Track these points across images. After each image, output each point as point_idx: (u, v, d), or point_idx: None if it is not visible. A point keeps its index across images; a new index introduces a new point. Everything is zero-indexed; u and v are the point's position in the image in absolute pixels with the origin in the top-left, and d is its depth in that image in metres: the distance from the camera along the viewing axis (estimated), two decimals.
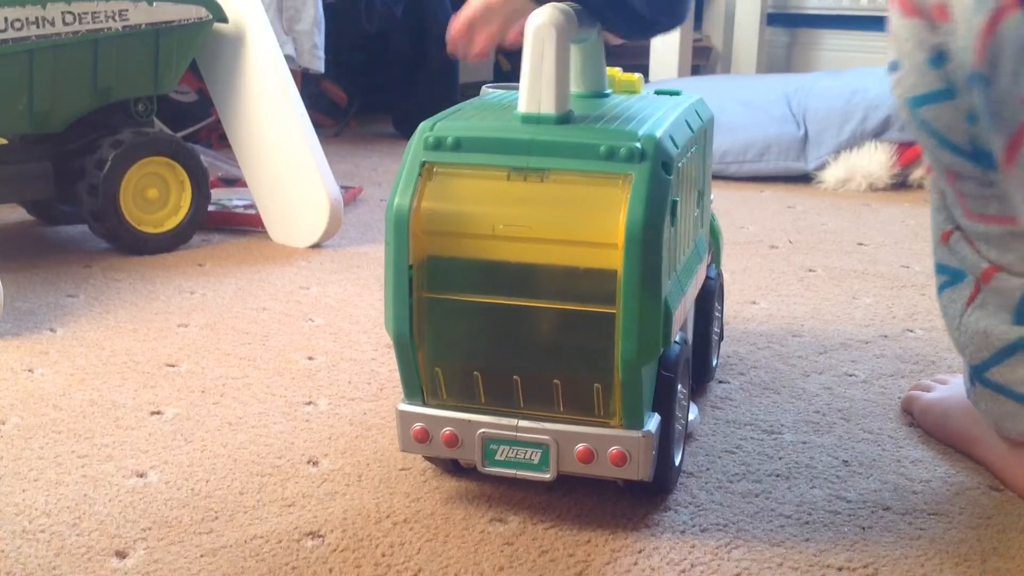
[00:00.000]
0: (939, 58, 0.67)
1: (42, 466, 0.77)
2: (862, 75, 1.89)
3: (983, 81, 0.63)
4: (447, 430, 0.69)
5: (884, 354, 1.00)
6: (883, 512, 0.71)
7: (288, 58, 1.93)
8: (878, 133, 1.75)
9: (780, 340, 1.03)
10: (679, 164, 0.69)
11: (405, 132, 2.26)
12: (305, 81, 2.09)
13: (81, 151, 1.31)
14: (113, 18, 1.27)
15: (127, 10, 1.28)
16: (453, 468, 0.75)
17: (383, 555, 0.66)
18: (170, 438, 0.82)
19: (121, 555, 0.66)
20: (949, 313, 0.76)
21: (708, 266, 0.88)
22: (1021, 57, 0.61)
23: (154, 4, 1.30)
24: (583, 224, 0.65)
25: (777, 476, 0.76)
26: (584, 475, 0.69)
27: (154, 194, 1.34)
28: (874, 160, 1.73)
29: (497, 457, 0.69)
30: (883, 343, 1.03)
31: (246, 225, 1.48)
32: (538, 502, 0.72)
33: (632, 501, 0.72)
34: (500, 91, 0.84)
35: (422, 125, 0.69)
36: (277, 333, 1.06)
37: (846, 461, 0.78)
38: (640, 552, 0.66)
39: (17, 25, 1.21)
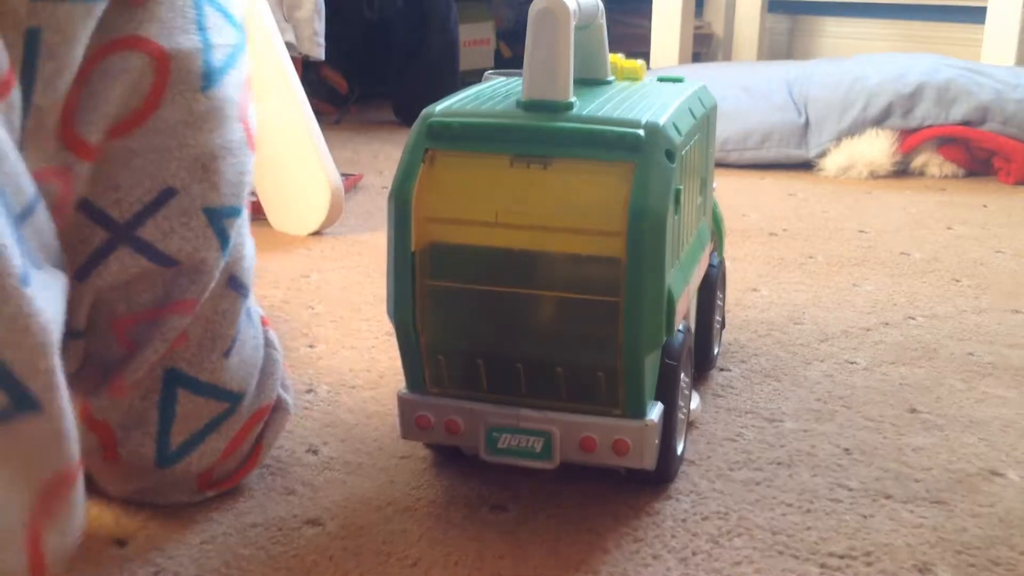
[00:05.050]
0: None
1: None
2: (863, 62, 1.89)
3: None
4: (449, 418, 0.69)
5: (885, 341, 1.00)
6: (885, 500, 0.71)
7: (288, 45, 1.93)
8: (879, 120, 1.74)
9: (781, 328, 1.03)
10: (682, 152, 0.68)
11: (406, 119, 2.26)
12: (305, 68, 2.09)
13: None
14: None
15: None
16: (454, 456, 0.75)
17: (383, 543, 0.66)
18: None
19: (121, 543, 0.66)
20: None
21: (710, 254, 0.87)
22: None
23: None
24: (586, 212, 0.64)
25: (778, 464, 0.76)
26: (586, 464, 0.69)
27: None
28: (875, 147, 1.73)
29: (499, 445, 0.69)
30: (884, 330, 1.03)
31: None
32: (539, 490, 0.72)
33: (634, 489, 0.72)
34: (502, 78, 0.83)
35: (424, 112, 0.68)
36: (277, 320, 1.05)
37: (847, 449, 0.78)
38: (641, 540, 0.66)
39: None
